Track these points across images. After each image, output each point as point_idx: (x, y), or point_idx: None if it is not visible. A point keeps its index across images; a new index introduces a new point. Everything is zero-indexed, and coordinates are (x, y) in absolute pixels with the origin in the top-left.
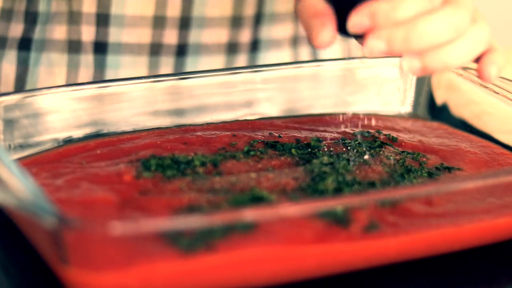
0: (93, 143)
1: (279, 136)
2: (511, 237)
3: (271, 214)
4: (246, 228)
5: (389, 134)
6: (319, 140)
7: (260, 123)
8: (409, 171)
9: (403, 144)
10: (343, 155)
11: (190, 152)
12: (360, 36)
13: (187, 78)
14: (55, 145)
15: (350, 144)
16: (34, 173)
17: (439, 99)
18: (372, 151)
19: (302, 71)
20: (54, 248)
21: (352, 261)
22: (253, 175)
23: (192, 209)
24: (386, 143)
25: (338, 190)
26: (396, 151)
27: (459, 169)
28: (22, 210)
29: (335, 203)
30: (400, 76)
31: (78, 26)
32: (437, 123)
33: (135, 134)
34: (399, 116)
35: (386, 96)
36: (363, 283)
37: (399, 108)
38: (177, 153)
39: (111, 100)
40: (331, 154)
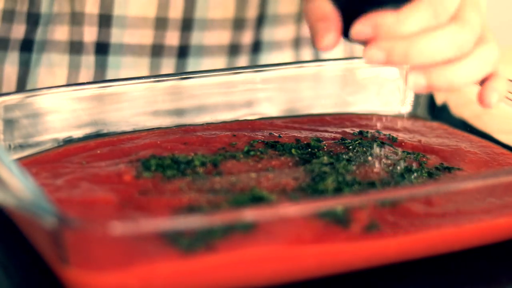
0: (93, 143)
1: (279, 136)
2: (511, 237)
3: (271, 214)
4: (246, 228)
5: (389, 134)
6: (319, 140)
7: (260, 123)
8: (409, 171)
9: (403, 144)
10: (343, 155)
11: (190, 152)
12: (363, 42)
13: (187, 78)
14: (55, 145)
15: (350, 144)
16: (34, 173)
17: (439, 99)
18: (372, 151)
19: (302, 71)
20: (54, 248)
21: (352, 261)
22: (253, 175)
23: (192, 209)
24: (386, 143)
25: (338, 190)
26: (396, 151)
27: (459, 169)
28: (22, 210)
29: (335, 203)
30: (400, 76)
31: (80, 27)
32: (437, 123)
33: (135, 134)
34: (399, 116)
35: (386, 96)
36: (363, 283)
37: (399, 108)
38: (177, 153)
39: (111, 100)
40: (331, 154)
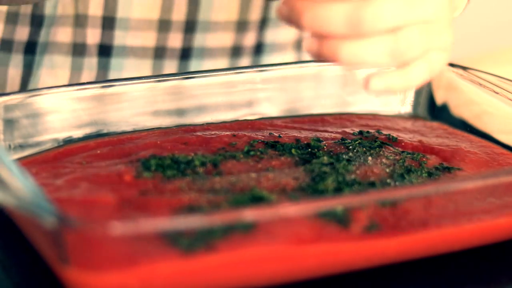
0: (93, 143)
1: (279, 136)
2: (511, 237)
3: (271, 214)
4: (246, 228)
5: (389, 134)
6: (319, 140)
7: (260, 123)
8: (409, 171)
9: (403, 144)
10: (343, 155)
11: (190, 152)
12: None
13: (187, 78)
14: (55, 145)
15: (350, 144)
16: (34, 173)
17: (439, 99)
18: (372, 151)
19: (302, 71)
20: (54, 248)
21: (352, 261)
22: (253, 175)
23: (192, 209)
24: (386, 143)
25: (338, 190)
26: (396, 151)
27: (459, 169)
28: (22, 210)
29: (335, 203)
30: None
31: (83, 29)
32: (437, 123)
33: (135, 134)
34: (399, 116)
35: (386, 96)
36: (363, 283)
37: (399, 108)
38: (177, 153)
39: (111, 100)
40: (331, 154)
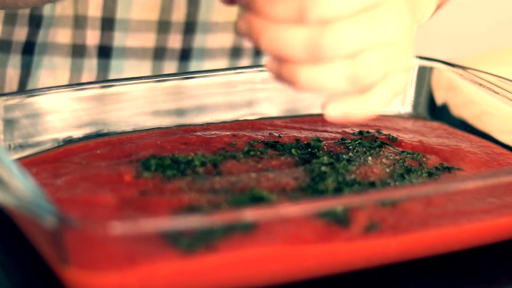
0: (93, 143)
1: (279, 136)
2: (511, 237)
3: (271, 214)
4: (246, 228)
5: (389, 134)
6: (319, 140)
7: (260, 123)
8: (409, 171)
9: (403, 144)
10: (343, 155)
11: (190, 152)
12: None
13: (187, 78)
14: (55, 145)
15: (350, 144)
16: (34, 173)
17: (439, 99)
18: (372, 151)
19: None
20: (54, 248)
21: (352, 261)
22: (253, 175)
23: (192, 209)
24: (386, 143)
25: (338, 190)
26: (396, 151)
27: (459, 169)
28: (22, 210)
29: (335, 203)
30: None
31: (83, 30)
32: (437, 123)
33: (135, 134)
34: (399, 116)
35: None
36: (363, 283)
37: (399, 108)
38: (177, 153)
39: (111, 100)
40: (331, 154)
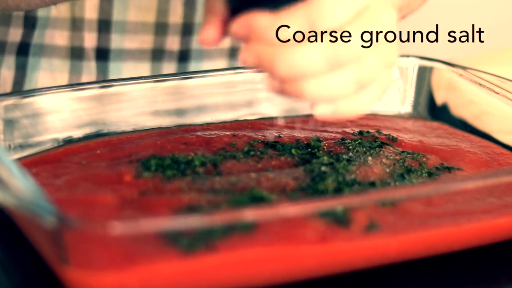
0: (93, 143)
1: (279, 136)
2: (511, 237)
3: (271, 214)
4: (246, 228)
5: (389, 134)
6: (319, 140)
7: (260, 123)
8: (409, 171)
9: (403, 144)
10: (343, 155)
11: (190, 152)
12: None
13: (187, 78)
14: (55, 145)
15: (350, 144)
16: (34, 173)
17: (439, 99)
18: (372, 151)
19: None
20: (54, 248)
21: (352, 261)
22: (253, 175)
23: (192, 209)
24: (386, 143)
25: (338, 190)
26: (396, 151)
27: (459, 169)
28: (22, 210)
29: (335, 203)
30: (400, 76)
31: (80, 33)
32: (437, 123)
33: (135, 134)
34: (399, 116)
35: (386, 96)
36: (363, 283)
37: (399, 108)
38: (177, 153)
39: (111, 100)
40: (331, 154)
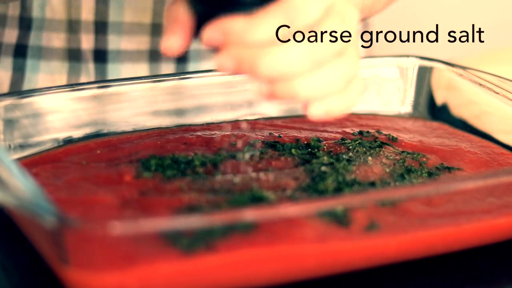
0: (93, 143)
1: (279, 136)
2: (511, 237)
3: (271, 214)
4: (246, 228)
5: (389, 134)
6: (319, 140)
7: (260, 123)
8: (409, 171)
9: (403, 144)
10: (343, 155)
11: (190, 152)
12: (216, 49)
13: (187, 78)
14: (55, 145)
15: (350, 144)
16: (34, 173)
17: (439, 99)
18: (372, 151)
19: None
20: (54, 248)
21: (352, 261)
22: (253, 175)
23: (192, 209)
24: (386, 143)
25: (338, 190)
26: (396, 151)
27: (459, 169)
28: (22, 210)
29: (335, 203)
30: (400, 76)
31: (77, 34)
32: (437, 123)
33: (135, 134)
34: (399, 116)
35: (386, 96)
36: (363, 283)
37: (399, 108)
38: (177, 153)
39: (111, 100)
40: (331, 154)
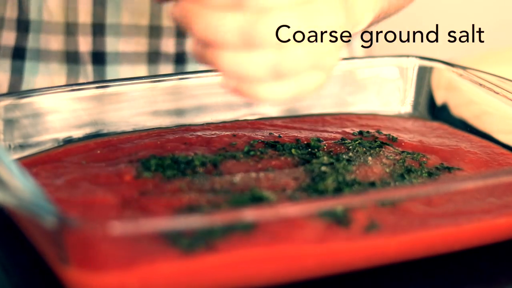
0: (93, 143)
1: (279, 136)
2: (511, 237)
3: (271, 214)
4: (246, 228)
5: (389, 134)
6: (319, 140)
7: (260, 123)
8: (409, 171)
9: (403, 144)
10: (343, 155)
11: (190, 152)
12: None
13: (187, 78)
14: (55, 145)
15: (350, 144)
16: (34, 173)
17: (439, 99)
18: (372, 151)
19: None
20: (54, 248)
21: (352, 261)
22: (253, 175)
23: (192, 209)
24: (386, 143)
25: (338, 190)
26: (396, 151)
27: (459, 169)
28: (22, 210)
29: (335, 203)
30: (400, 76)
31: (74, 37)
32: (437, 123)
33: (135, 134)
34: (399, 116)
35: (386, 96)
36: (363, 283)
37: (399, 108)
38: (177, 153)
39: (111, 100)
40: (331, 154)
